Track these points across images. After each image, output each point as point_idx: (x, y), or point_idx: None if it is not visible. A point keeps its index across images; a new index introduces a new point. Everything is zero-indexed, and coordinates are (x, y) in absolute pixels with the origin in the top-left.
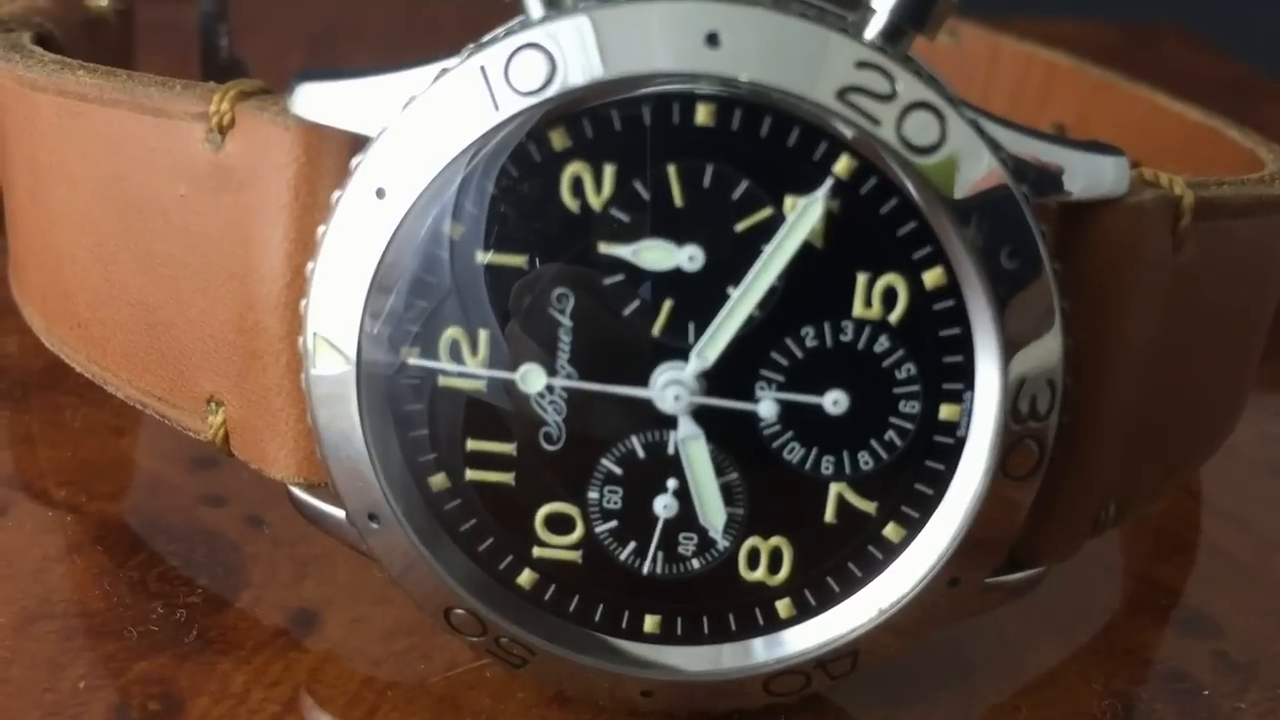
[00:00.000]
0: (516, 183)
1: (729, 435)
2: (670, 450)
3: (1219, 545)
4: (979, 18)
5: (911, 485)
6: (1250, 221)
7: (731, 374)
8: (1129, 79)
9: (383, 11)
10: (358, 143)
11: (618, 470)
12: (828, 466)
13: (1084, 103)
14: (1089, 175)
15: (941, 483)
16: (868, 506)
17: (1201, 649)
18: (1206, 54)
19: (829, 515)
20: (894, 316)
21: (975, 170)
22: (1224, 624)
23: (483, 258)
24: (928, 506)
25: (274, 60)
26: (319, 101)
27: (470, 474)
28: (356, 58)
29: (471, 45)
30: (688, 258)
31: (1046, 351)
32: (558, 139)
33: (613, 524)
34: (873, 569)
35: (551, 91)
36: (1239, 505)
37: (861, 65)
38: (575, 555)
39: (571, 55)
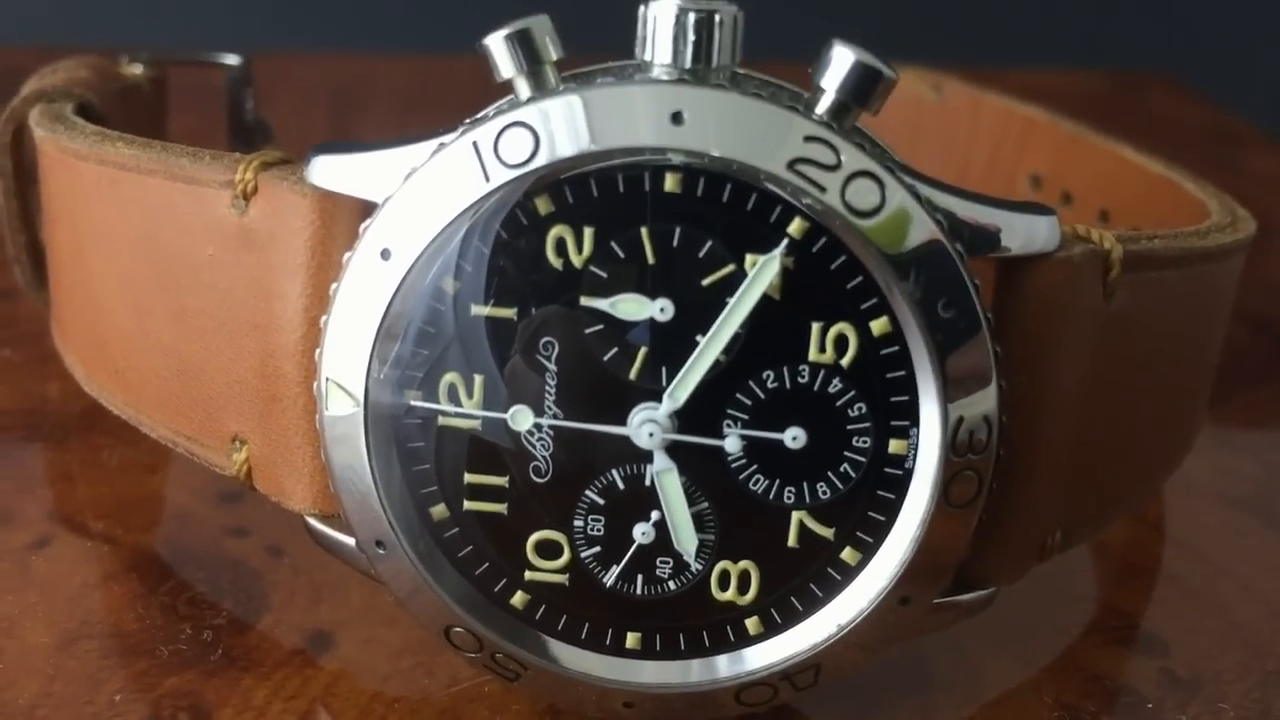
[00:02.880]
0: (507, 243)
1: (699, 468)
2: (647, 482)
3: (1174, 572)
4: (976, 67)
5: (865, 513)
6: (1182, 271)
7: (700, 413)
8: (1100, 132)
9: (399, 68)
10: (367, 209)
11: (600, 500)
12: (789, 496)
13: (1059, 155)
14: (1025, 234)
15: (892, 510)
16: (826, 532)
17: (1150, 667)
18: (1193, 103)
19: (791, 540)
20: (845, 361)
21: (912, 230)
22: (1173, 644)
23: (477, 310)
24: (880, 532)
25: (296, 118)
26: (332, 172)
27: (468, 504)
28: (375, 115)
29: (466, 122)
30: (660, 309)
31: (982, 392)
32: (543, 205)
33: (596, 549)
34: (832, 589)
35: (536, 164)
36: (1195, 534)
37: (809, 139)
38: (563, 578)
39: (560, 129)
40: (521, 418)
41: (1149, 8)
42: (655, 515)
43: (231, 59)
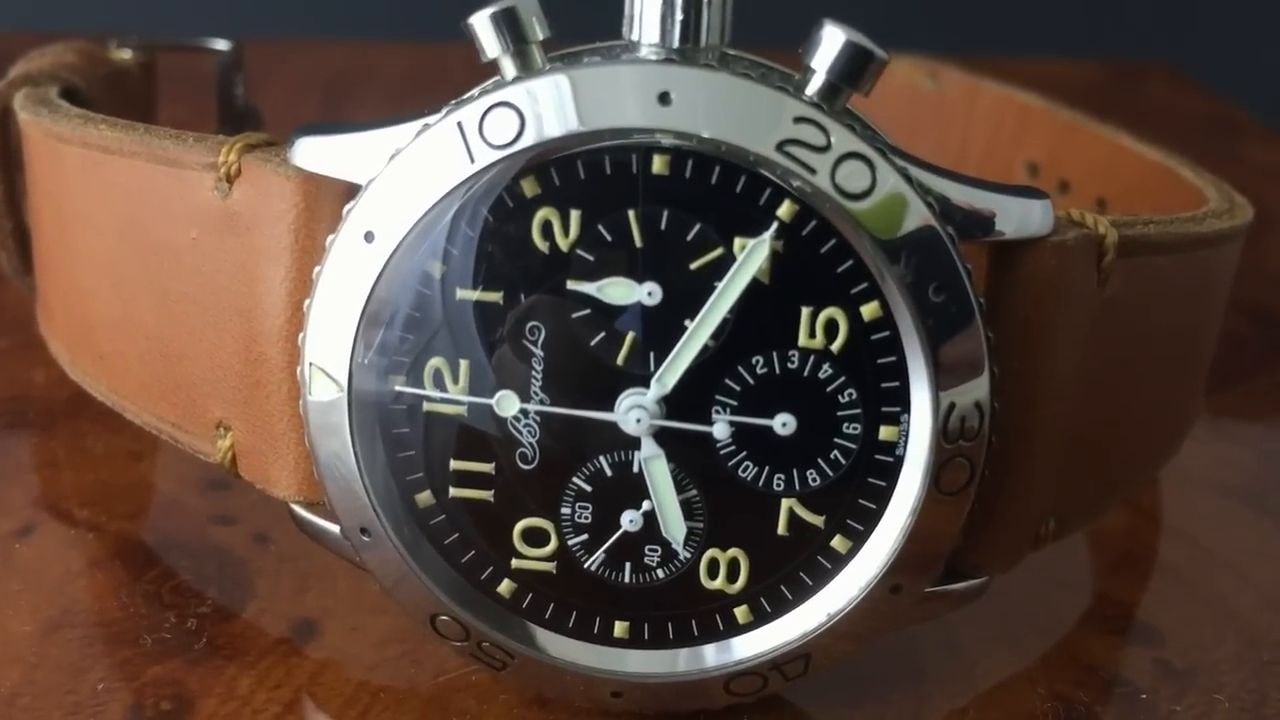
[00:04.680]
0: (492, 226)
1: (688, 455)
2: (635, 469)
3: (1169, 561)
4: (975, 56)
5: (856, 500)
6: (1177, 257)
7: (689, 399)
8: (1097, 120)
9: (393, 57)
10: (351, 191)
11: (587, 487)
12: (779, 483)
13: (1056, 142)
14: (1019, 218)
15: (883, 498)
16: (816, 520)
17: (1144, 657)
18: (1193, 92)
19: (781, 528)
20: (835, 346)
21: (903, 214)
22: (1167, 634)
23: (464, 294)
24: (871, 520)
25: (289, 106)
26: (316, 153)
27: (454, 491)
28: (368, 103)
29: (451, 103)
30: (647, 293)
31: (975, 378)
32: (528, 187)
33: (584, 537)
34: (822, 577)
35: (522, 145)
36: (1190, 524)
37: (799, 120)
38: (550, 566)
39: (547, 110)
40: (507, 403)
41: None
42: (643, 502)
43: (221, 44)
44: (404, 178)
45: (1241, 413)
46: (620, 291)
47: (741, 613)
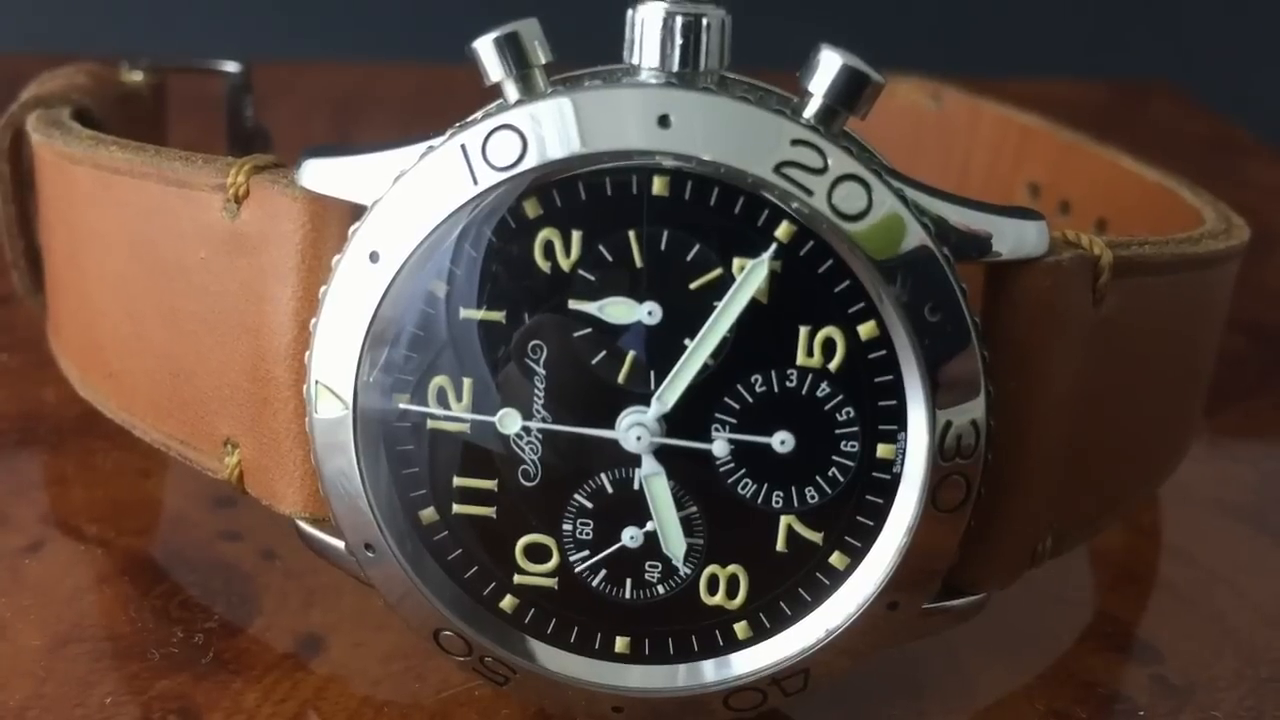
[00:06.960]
0: (495, 247)
1: (688, 472)
2: (635, 486)
3: (1168, 578)
4: (976, 76)
5: (854, 517)
6: (1173, 277)
7: (689, 417)
8: (1097, 141)
9: (401, 78)
10: (357, 212)
11: (589, 504)
12: (778, 500)
13: (1056, 163)
14: (1014, 238)
15: (880, 515)
16: (815, 537)
17: (1142, 673)
18: (1194, 112)
19: (780, 545)
20: (833, 365)
21: (899, 235)
22: (1166, 651)
23: (467, 314)
24: (868, 537)
25: (298, 126)
26: (322, 175)
27: (457, 508)
28: (375, 124)
29: (455, 125)
30: (647, 313)
31: (971, 397)
32: (531, 208)
33: (585, 553)
34: (820, 594)
35: (524, 166)
36: (1190, 541)
37: (796, 143)
38: (551, 582)
39: (550, 133)
40: (509, 421)
41: (1152, 18)
42: (644, 519)
43: (231, 66)
44: (408, 199)
45: (1242, 431)
46: (621, 311)
47: (741, 628)
